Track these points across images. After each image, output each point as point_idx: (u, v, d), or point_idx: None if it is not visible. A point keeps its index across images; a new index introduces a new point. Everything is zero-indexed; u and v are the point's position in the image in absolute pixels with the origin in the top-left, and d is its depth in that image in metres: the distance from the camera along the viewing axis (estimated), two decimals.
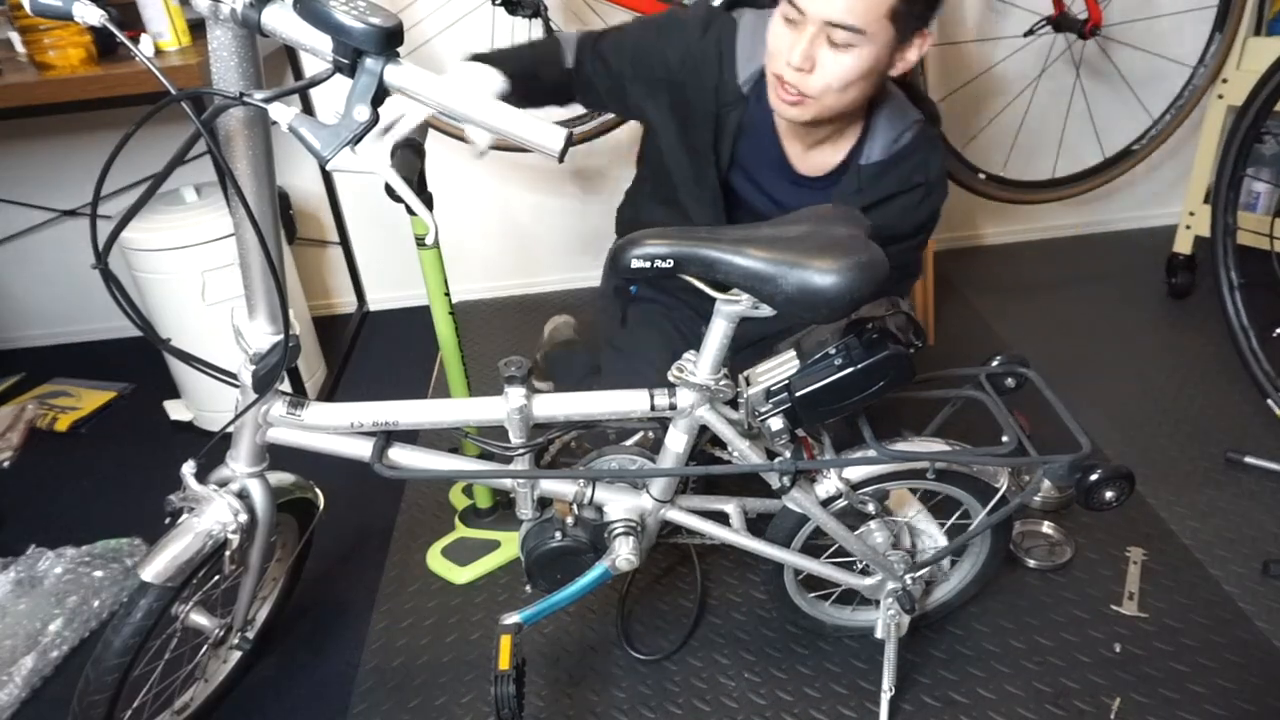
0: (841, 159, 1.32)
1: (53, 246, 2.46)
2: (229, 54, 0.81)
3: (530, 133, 0.74)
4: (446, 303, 1.46)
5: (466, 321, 2.53)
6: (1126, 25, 2.35)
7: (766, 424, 1.12)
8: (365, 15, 0.70)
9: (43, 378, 2.38)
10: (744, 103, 1.31)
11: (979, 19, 2.33)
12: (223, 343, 1.96)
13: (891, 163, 1.30)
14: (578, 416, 1.11)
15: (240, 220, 0.94)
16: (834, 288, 0.97)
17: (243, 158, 0.88)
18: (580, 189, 2.48)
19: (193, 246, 1.87)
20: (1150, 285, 2.39)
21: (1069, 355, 2.12)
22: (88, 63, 1.65)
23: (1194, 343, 2.13)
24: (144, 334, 0.97)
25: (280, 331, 1.02)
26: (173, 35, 1.71)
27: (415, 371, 2.30)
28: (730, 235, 1.01)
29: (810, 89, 1.16)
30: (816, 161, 1.34)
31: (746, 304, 1.04)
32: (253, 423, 1.09)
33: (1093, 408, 1.93)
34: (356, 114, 0.73)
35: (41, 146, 2.31)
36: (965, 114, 2.47)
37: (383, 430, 1.11)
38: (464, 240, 2.54)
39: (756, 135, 1.34)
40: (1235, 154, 1.87)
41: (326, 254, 2.56)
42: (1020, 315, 2.32)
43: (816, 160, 1.33)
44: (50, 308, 2.57)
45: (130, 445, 2.09)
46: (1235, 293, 1.92)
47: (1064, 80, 2.43)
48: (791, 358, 1.13)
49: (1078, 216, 2.69)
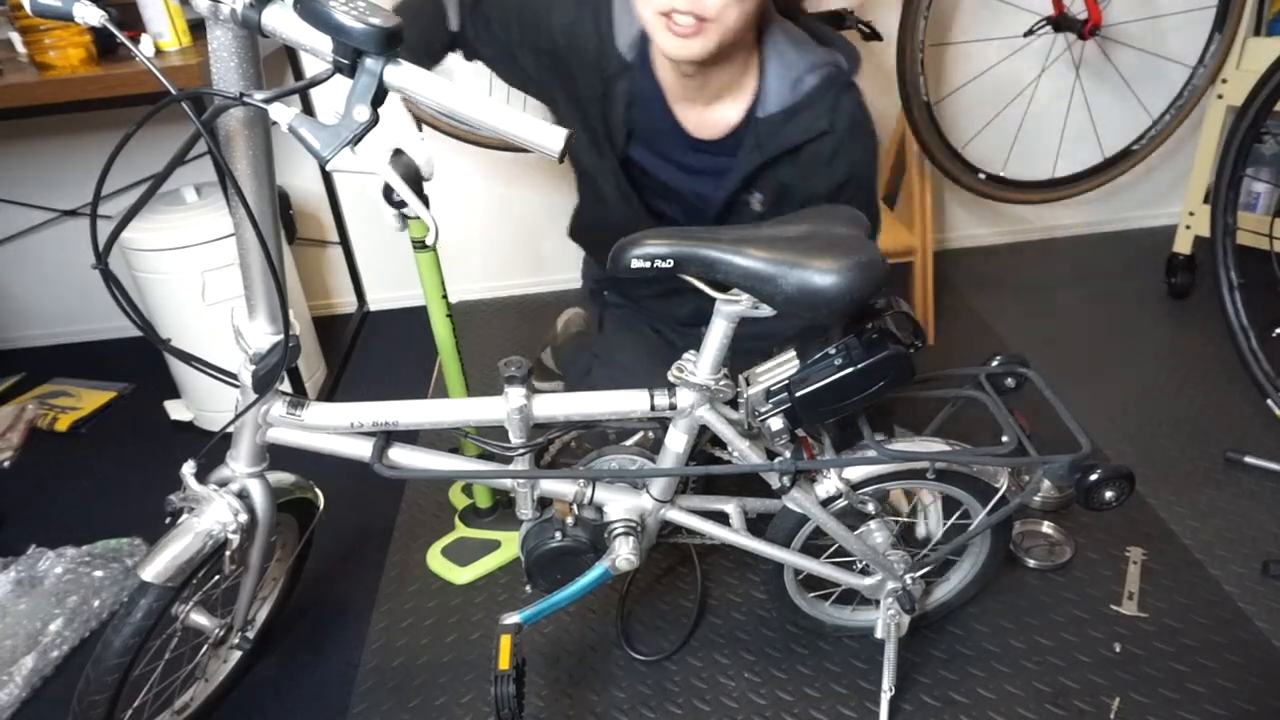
0: (740, 116, 1.23)
1: (53, 246, 2.46)
2: (229, 54, 0.81)
3: (530, 133, 0.74)
4: (445, 305, 1.46)
5: (466, 321, 2.53)
6: (1126, 25, 2.35)
7: (766, 424, 1.13)
8: (365, 15, 0.70)
9: (43, 378, 2.39)
10: (631, 71, 1.22)
11: (978, 19, 2.33)
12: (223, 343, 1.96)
13: (791, 112, 1.19)
14: (578, 416, 1.11)
15: (240, 220, 0.94)
16: (834, 288, 0.97)
17: (243, 158, 0.88)
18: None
19: (193, 246, 1.87)
20: (1150, 285, 2.40)
21: (1069, 355, 2.12)
22: (88, 63, 1.65)
23: (1194, 343, 2.13)
24: (144, 334, 0.97)
25: (280, 331, 1.02)
26: (173, 35, 1.71)
27: (415, 371, 2.31)
28: (730, 235, 1.01)
29: (708, 7, 1.05)
30: (713, 122, 1.24)
31: (746, 304, 1.04)
32: (253, 423, 1.09)
33: (1093, 408, 1.93)
34: (356, 114, 0.73)
35: (42, 146, 2.31)
36: (965, 114, 2.47)
37: (383, 430, 1.11)
38: (463, 240, 2.54)
39: (647, 105, 1.25)
40: (1235, 154, 1.87)
41: (326, 254, 2.56)
42: (1020, 315, 2.32)
43: (713, 121, 1.24)
44: (50, 308, 2.57)
45: (130, 445, 2.09)
46: (1235, 293, 1.92)
47: (1064, 80, 2.43)
48: (791, 358, 1.13)
49: (1077, 216, 2.69)
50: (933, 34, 2.29)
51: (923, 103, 1.94)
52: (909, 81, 1.91)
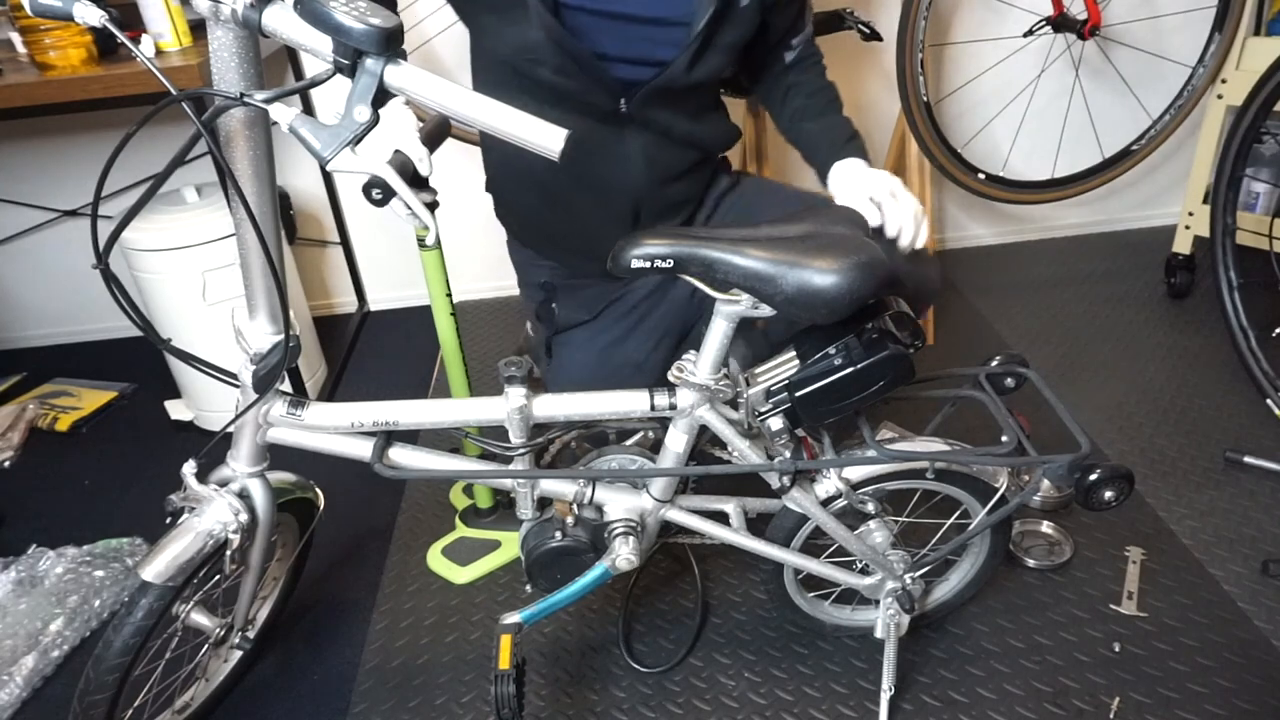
0: None
1: (53, 246, 2.46)
2: (230, 55, 0.81)
3: (530, 133, 0.75)
4: (448, 304, 1.46)
5: (467, 321, 2.53)
6: (1126, 25, 2.35)
7: (766, 424, 1.13)
8: (365, 16, 0.71)
9: (44, 377, 2.39)
10: None
11: (977, 19, 2.33)
12: (223, 342, 1.97)
13: None
14: (578, 416, 1.12)
15: (241, 220, 0.94)
16: (834, 288, 0.97)
17: (243, 158, 0.88)
18: None
19: (193, 246, 1.87)
20: (1150, 285, 2.40)
21: (1069, 355, 2.13)
22: (88, 63, 1.66)
23: (1193, 343, 2.13)
24: (145, 334, 0.97)
25: (281, 331, 1.02)
26: (173, 35, 1.71)
27: (416, 371, 2.31)
28: (729, 235, 1.02)
29: None
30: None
31: (746, 304, 1.04)
32: (253, 423, 1.09)
33: (1092, 408, 1.93)
34: (357, 114, 0.73)
35: (41, 146, 2.31)
36: (965, 114, 2.47)
37: (383, 430, 1.11)
38: (465, 240, 2.54)
39: None
40: (1235, 154, 1.87)
41: (327, 254, 2.56)
42: (1020, 315, 2.32)
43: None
44: (51, 307, 2.57)
45: (131, 445, 2.09)
46: (1235, 293, 1.92)
47: (1063, 80, 2.43)
48: (791, 357, 1.14)
49: (1077, 216, 2.69)
50: (932, 34, 2.30)
51: (922, 102, 1.94)
52: (909, 81, 1.91)
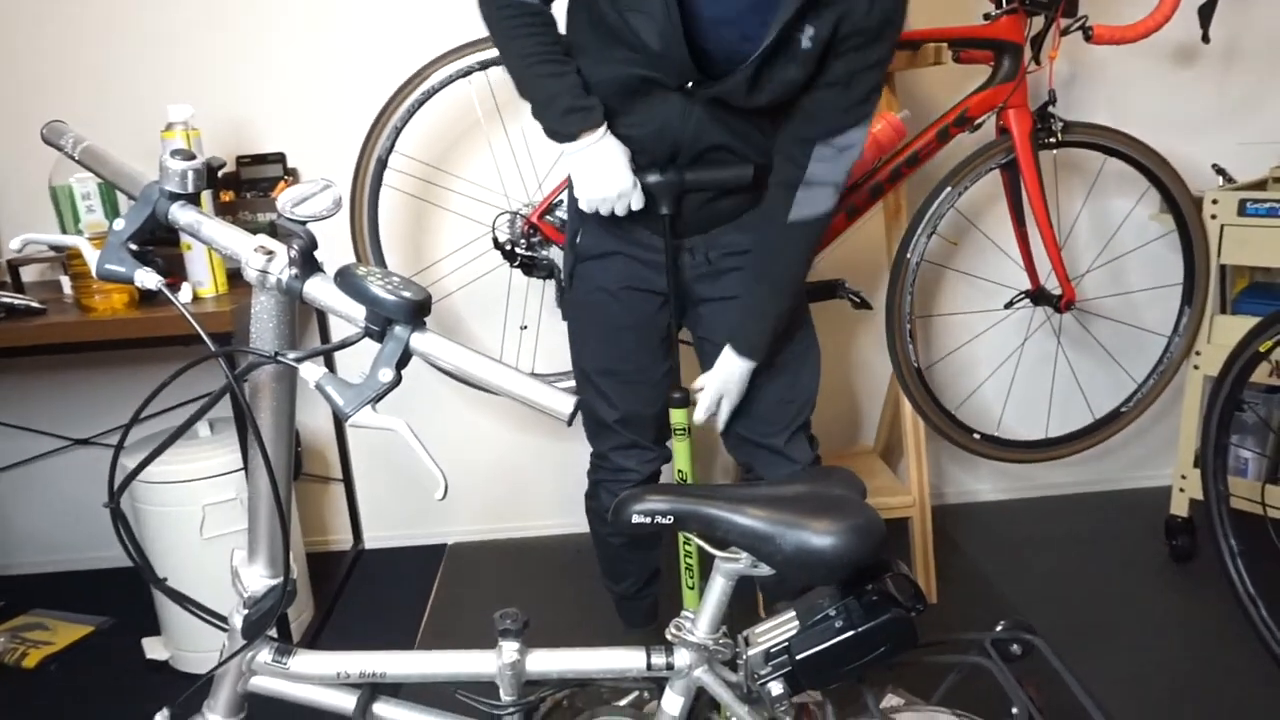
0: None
1: (55, 474, 2.48)
2: (269, 316, 0.88)
3: (541, 398, 0.79)
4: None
5: (462, 565, 2.49)
6: (1100, 300, 2.52)
7: (766, 688, 1.09)
8: (399, 290, 0.78)
9: (24, 606, 2.33)
10: None
11: (959, 294, 2.51)
12: (215, 579, 1.93)
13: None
14: (572, 674, 1.08)
15: (255, 468, 0.97)
16: (832, 549, 0.98)
17: (267, 409, 0.93)
18: (576, 431, 2.53)
19: (198, 481, 1.89)
20: (1152, 547, 2.37)
21: (1076, 620, 2.07)
22: (130, 307, 1.77)
23: (1203, 609, 2.08)
24: (141, 574, 0.97)
25: (277, 575, 1.02)
26: (212, 284, 1.84)
27: (406, 614, 2.25)
28: (729, 494, 1.04)
29: None
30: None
31: (746, 562, 1.04)
32: (236, 670, 1.06)
33: (1105, 679, 1.85)
34: (381, 375, 0.78)
35: (59, 376, 2.39)
36: (955, 378, 2.58)
37: (368, 682, 1.07)
38: (459, 481, 2.56)
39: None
40: (1216, 423, 1.93)
41: (328, 490, 2.57)
42: (1022, 574, 2.28)
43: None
44: (43, 535, 2.54)
45: (101, 686, 1.99)
46: (1237, 560, 1.90)
47: (1047, 347, 2.56)
48: (791, 618, 1.12)
49: (1074, 475, 2.71)
50: (919, 306, 2.45)
51: (913, 369, 2.03)
52: (899, 349, 2.01)
